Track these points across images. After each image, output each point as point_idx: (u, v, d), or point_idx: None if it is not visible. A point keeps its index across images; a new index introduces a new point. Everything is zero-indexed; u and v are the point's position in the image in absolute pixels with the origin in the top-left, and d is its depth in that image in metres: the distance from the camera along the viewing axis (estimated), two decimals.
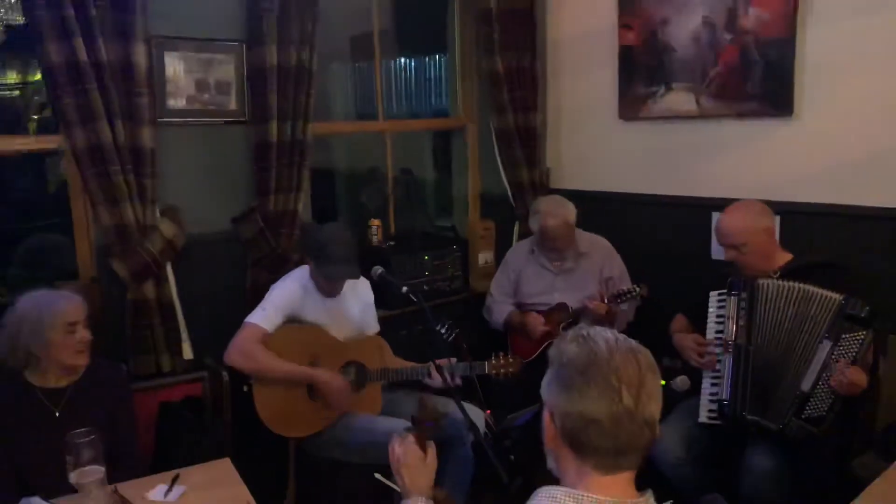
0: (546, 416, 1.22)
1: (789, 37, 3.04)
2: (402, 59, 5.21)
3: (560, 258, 3.46)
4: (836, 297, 2.42)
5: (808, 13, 3.02)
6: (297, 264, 3.14)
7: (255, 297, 3.08)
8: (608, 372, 1.14)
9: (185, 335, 2.97)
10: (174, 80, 2.90)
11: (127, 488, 1.96)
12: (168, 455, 2.56)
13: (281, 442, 2.80)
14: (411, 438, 1.64)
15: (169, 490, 1.99)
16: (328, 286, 2.77)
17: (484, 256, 4.09)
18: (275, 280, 3.08)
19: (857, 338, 2.37)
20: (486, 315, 3.64)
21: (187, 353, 2.98)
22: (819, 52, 3.02)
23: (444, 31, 4.22)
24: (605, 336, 1.19)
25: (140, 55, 2.68)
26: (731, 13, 3.22)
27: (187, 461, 2.18)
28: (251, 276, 3.11)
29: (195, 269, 3.02)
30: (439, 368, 2.42)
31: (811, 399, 2.40)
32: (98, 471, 1.79)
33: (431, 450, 1.65)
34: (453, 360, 2.79)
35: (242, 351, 2.63)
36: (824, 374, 2.38)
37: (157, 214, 2.85)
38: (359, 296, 2.93)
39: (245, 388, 2.73)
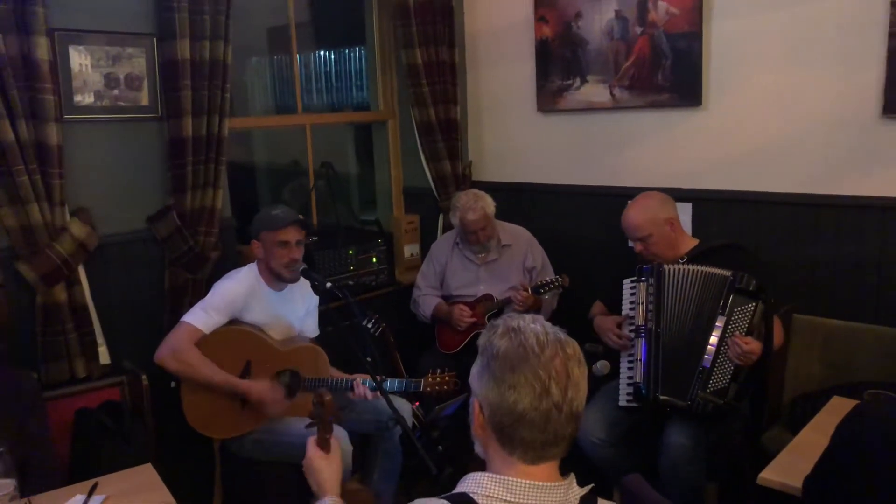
0: (475, 404, 1.23)
1: (696, 30, 3.17)
2: (322, 52, 5.15)
3: (483, 250, 3.51)
4: (727, 273, 2.55)
5: (713, 8, 3.16)
6: (216, 263, 3.08)
7: (174, 297, 3.01)
8: (537, 367, 1.15)
9: (100, 339, 2.87)
10: (81, 75, 2.78)
11: (42, 501, 1.89)
12: (87, 464, 2.48)
13: (205, 443, 2.75)
14: (312, 444, 1.62)
15: (87, 500, 1.92)
16: (285, 252, 2.67)
17: (409, 249, 4.11)
18: (196, 279, 3.02)
19: (748, 310, 2.51)
20: (413, 308, 3.65)
21: (104, 357, 2.87)
22: (723, 46, 3.16)
23: (362, 24, 4.19)
24: (534, 329, 1.20)
25: (42, 49, 2.56)
26: (642, 7, 3.33)
27: (107, 469, 2.10)
28: (169, 276, 3.02)
29: (110, 270, 2.92)
30: (378, 384, 2.34)
31: (713, 372, 2.52)
32: (8, 485, 1.72)
33: (335, 444, 1.64)
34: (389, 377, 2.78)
35: (174, 351, 2.55)
36: (722, 348, 2.52)
37: (67, 215, 2.73)
38: (305, 298, 2.86)
39: (173, 384, 2.66)
